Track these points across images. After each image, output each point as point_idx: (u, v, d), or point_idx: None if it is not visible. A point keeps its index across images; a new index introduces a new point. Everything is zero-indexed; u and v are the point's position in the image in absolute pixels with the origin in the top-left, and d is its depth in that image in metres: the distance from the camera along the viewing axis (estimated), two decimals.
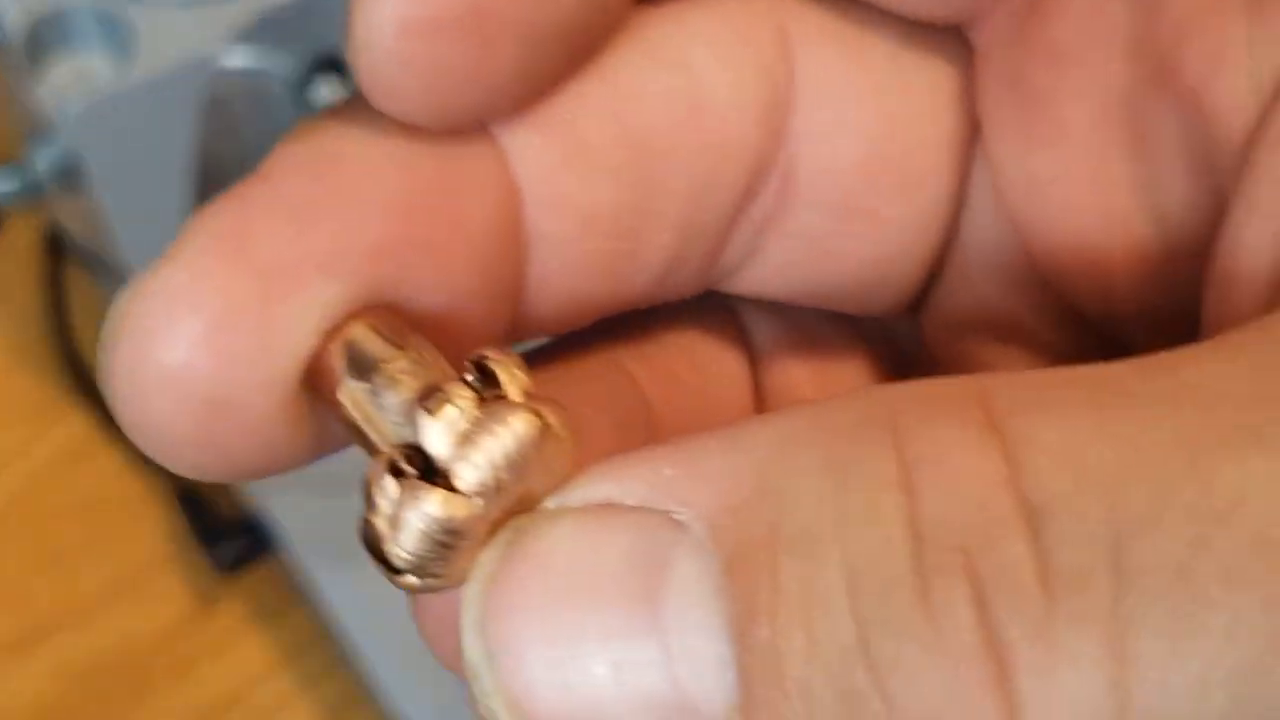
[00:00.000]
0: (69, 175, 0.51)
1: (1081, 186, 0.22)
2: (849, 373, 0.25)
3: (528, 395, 0.18)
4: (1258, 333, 0.17)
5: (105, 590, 0.55)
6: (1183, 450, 0.16)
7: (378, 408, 0.18)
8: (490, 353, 0.18)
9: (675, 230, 0.21)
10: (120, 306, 0.18)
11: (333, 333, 0.18)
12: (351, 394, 0.18)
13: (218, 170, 0.52)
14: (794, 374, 0.25)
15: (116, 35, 0.50)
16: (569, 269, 0.21)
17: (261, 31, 0.51)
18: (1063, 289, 0.23)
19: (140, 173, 0.51)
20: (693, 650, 0.16)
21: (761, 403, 0.25)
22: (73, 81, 0.50)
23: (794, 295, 0.23)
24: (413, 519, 0.17)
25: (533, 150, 0.20)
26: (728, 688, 0.16)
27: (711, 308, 0.24)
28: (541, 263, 0.21)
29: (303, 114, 0.46)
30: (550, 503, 0.18)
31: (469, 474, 0.17)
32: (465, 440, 0.17)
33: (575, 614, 0.17)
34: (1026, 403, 0.16)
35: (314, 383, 0.19)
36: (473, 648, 0.17)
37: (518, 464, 0.17)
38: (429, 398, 0.17)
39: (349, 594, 0.53)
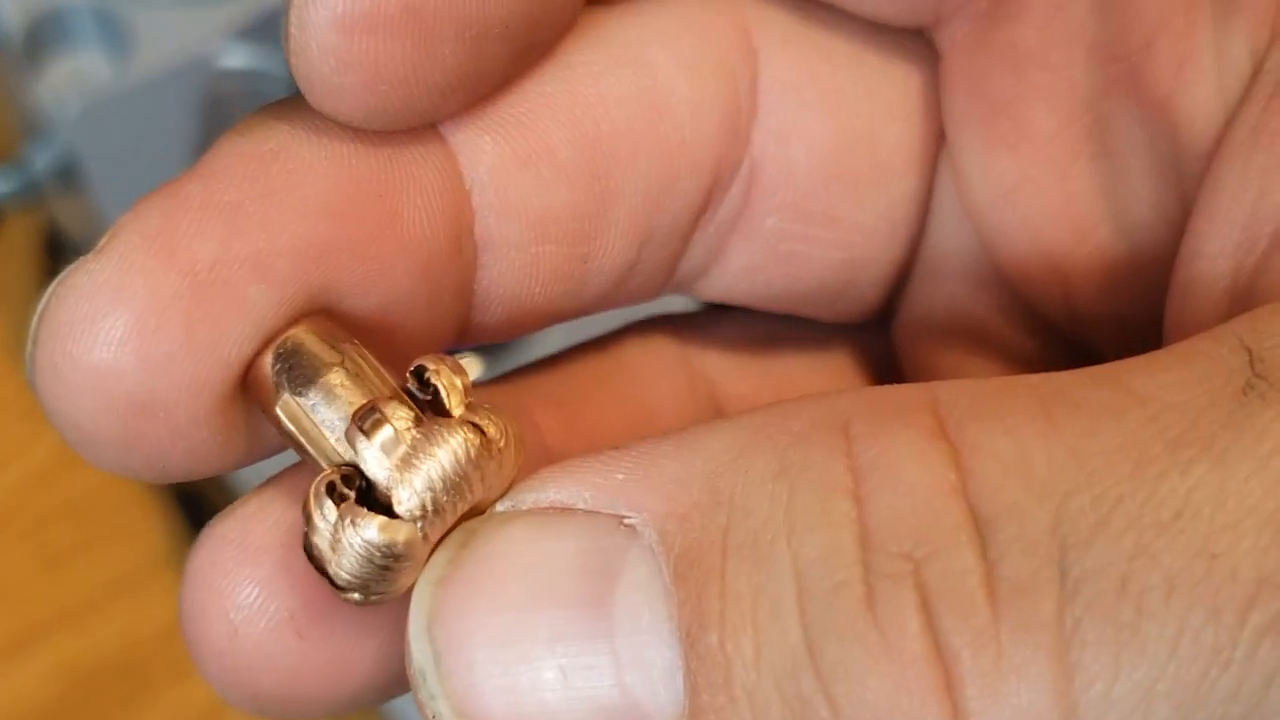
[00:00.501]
0: (67, 175, 0.51)
1: (1046, 193, 0.21)
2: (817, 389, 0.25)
3: (467, 405, 0.17)
4: (1208, 342, 0.16)
5: (105, 590, 0.55)
6: (1127, 460, 0.16)
7: (315, 423, 0.18)
8: (429, 362, 0.18)
9: (631, 235, 0.21)
10: (47, 300, 0.18)
11: (269, 341, 0.18)
12: (289, 407, 0.18)
13: None
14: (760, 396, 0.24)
15: (115, 35, 0.50)
16: (520, 273, 0.20)
17: (261, 31, 0.51)
18: (1029, 296, 0.23)
19: (139, 172, 0.50)
20: (642, 655, 0.16)
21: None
22: (71, 81, 0.50)
23: (759, 301, 0.23)
24: (352, 543, 0.17)
25: (484, 151, 0.20)
26: (676, 693, 0.16)
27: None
28: (491, 266, 0.20)
29: None
30: (501, 506, 0.17)
31: (408, 498, 0.17)
32: (404, 464, 0.17)
33: (525, 616, 0.17)
34: (977, 411, 0.16)
35: (252, 392, 0.18)
36: (419, 651, 0.17)
37: (457, 485, 0.17)
38: (365, 419, 0.17)
39: None
